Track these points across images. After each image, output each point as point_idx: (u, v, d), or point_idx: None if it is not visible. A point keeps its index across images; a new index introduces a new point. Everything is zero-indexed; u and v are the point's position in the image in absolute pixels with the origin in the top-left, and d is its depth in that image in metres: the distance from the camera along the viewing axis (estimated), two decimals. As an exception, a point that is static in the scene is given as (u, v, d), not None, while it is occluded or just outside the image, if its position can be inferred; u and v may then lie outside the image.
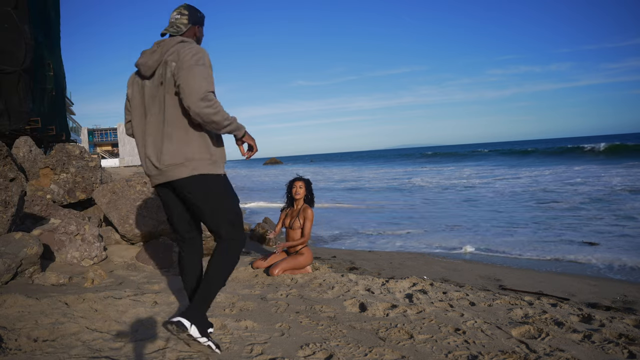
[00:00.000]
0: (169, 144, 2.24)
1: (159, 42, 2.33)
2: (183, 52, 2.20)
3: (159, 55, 2.27)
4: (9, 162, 3.87)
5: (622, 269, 5.23)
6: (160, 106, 2.27)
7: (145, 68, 2.30)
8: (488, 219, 9.27)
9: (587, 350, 2.43)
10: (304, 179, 4.55)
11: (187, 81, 2.13)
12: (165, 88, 2.24)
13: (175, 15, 2.40)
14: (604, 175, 19.14)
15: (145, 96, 2.33)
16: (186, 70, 2.15)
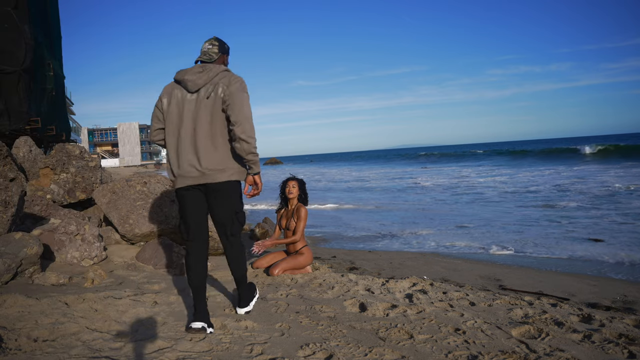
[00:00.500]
0: (215, 152, 2.69)
1: (202, 66, 2.78)
2: (233, 79, 2.72)
3: (207, 76, 2.72)
4: (9, 162, 3.87)
5: (625, 265, 5.24)
6: (207, 119, 2.68)
7: (193, 84, 2.72)
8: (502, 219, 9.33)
9: (587, 350, 2.43)
10: (297, 179, 4.55)
11: (239, 104, 2.66)
12: (215, 105, 2.68)
13: (208, 45, 2.87)
14: (603, 175, 19.17)
15: (186, 107, 2.73)
16: (238, 95, 2.67)
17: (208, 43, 2.88)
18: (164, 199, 4.86)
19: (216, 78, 2.73)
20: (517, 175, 22.32)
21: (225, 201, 2.76)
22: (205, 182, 2.70)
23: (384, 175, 29.31)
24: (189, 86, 2.73)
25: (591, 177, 18.30)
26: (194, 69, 2.76)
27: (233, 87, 2.69)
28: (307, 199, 4.57)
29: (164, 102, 2.80)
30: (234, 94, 2.67)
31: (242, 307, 3.05)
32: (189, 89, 2.73)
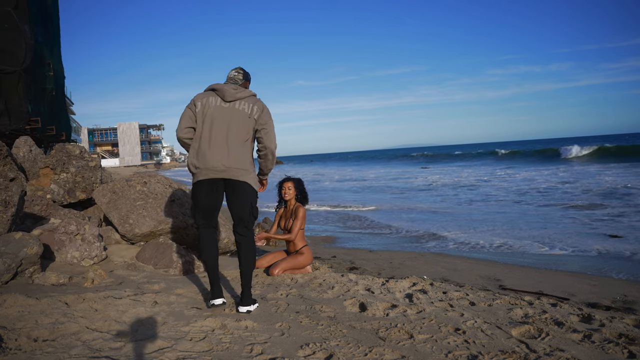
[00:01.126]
0: (240, 154, 3.12)
1: (234, 85, 3.23)
2: (264, 106, 3.22)
3: (242, 94, 3.18)
4: (9, 162, 3.87)
5: (624, 267, 5.24)
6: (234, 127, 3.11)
7: (230, 95, 3.15)
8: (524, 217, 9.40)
9: (587, 350, 2.43)
10: (293, 179, 4.55)
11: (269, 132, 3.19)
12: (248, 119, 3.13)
13: (234, 73, 3.34)
14: (602, 174, 19.20)
15: (220, 112, 3.13)
16: (270, 124, 3.20)
17: (235, 71, 3.35)
18: (164, 198, 4.86)
19: (249, 99, 3.20)
20: (517, 175, 22.35)
21: (243, 194, 3.15)
22: (228, 177, 3.10)
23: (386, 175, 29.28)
24: (227, 96, 3.15)
25: (589, 177, 18.32)
26: (230, 86, 3.22)
27: (266, 115, 3.19)
28: (307, 198, 4.56)
29: (197, 105, 3.17)
30: (268, 122, 3.19)
31: (244, 305, 3.15)
32: (225, 98, 3.15)
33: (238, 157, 3.10)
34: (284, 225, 4.50)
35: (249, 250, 3.20)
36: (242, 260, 3.19)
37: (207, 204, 3.18)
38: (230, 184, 3.13)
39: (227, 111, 3.13)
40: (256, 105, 3.16)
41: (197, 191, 3.19)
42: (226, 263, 4.68)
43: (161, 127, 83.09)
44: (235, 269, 4.41)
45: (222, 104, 3.15)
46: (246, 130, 3.14)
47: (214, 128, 3.11)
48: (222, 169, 3.08)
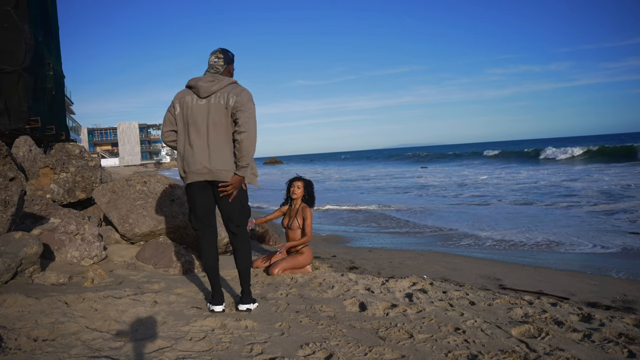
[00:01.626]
0: (224, 152, 2.98)
1: (212, 75, 3.04)
2: (242, 90, 3.00)
3: (218, 86, 2.99)
4: (8, 161, 3.86)
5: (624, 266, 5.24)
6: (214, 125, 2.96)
7: (204, 91, 2.99)
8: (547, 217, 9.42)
9: (587, 350, 2.43)
10: (303, 180, 4.55)
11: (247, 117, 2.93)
12: (224, 112, 2.96)
13: (214, 59, 3.12)
14: (598, 174, 19.25)
15: (196, 111, 3.00)
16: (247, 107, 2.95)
17: (214, 56, 3.13)
18: (164, 198, 4.86)
19: (226, 89, 3.01)
20: (517, 175, 22.35)
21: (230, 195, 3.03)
22: (212, 179, 2.99)
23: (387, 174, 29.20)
24: (201, 92, 2.99)
25: (588, 176, 18.33)
26: (206, 78, 3.03)
27: (243, 97, 2.97)
28: (314, 201, 4.57)
29: (176, 107, 3.08)
30: (245, 104, 2.96)
31: (244, 303, 3.15)
32: (200, 94, 3.00)
33: (221, 157, 2.97)
34: (287, 223, 4.50)
35: (243, 248, 3.16)
36: (238, 259, 3.16)
37: (200, 207, 3.11)
38: (216, 185, 3.03)
39: (204, 108, 2.99)
40: (232, 93, 2.97)
41: (188, 195, 3.13)
42: (226, 263, 4.67)
43: (161, 126, 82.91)
44: (235, 268, 4.40)
45: (199, 102, 3.02)
46: (226, 125, 2.98)
47: (194, 129, 3.00)
48: (205, 171, 2.99)
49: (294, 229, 4.44)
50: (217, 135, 2.97)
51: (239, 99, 2.96)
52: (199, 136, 2.99)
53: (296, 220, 4.43)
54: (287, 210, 4.60)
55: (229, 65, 3.16)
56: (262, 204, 13.46)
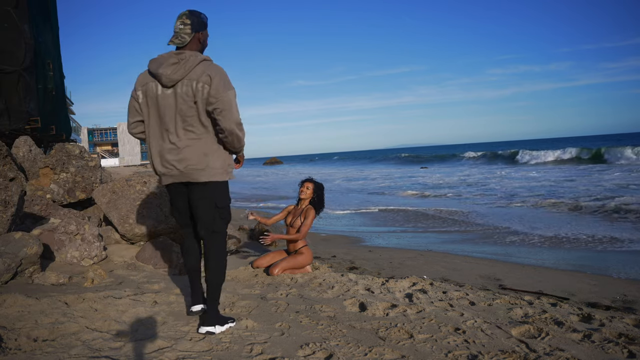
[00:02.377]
0: (195, 149, 2.57)
1: (177, 53, 2.54)
2: (215, 74, 2.50)
3: (183, 70, 2.51)
4: (8, 161, 3.86)
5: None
6: (183, 118, 2.54)
7: (168, 80, 2.52)
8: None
9: (587, 350, 2.43)
10: (315, 182, 4.55)
11: (226, 108, 2.50)
12: (195, 103, 2.52)
13: (179, 25, 2.58)
14: (591, 174, 19.28)
15: (162, 103, 2.56)
16: (225, 97, 2.50)
17: (180, 22, 2.58)
18: (164, 198, 4.86)
19: (194, 73, 2.51)
20: (519, 174, 22.37)
21: (205, 198, 2.66)
22: (185, 180, 2.63)
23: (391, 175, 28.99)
24: (163, 81, 2.53)
25: (585, 176, 18.35)
26: (169, 59, 2.52)
27: (217, 86, 2.49)
28: (322, 205, 4.55)
29: (139, 94, 2.63)
30: (221, 97, 2.49)
31: (205, 325, 2.69)
32: (163, 83, 2.54)
33: (192, 155, 2.56)
34: (291, 221, 4.51)
35: (215, 258, 2.74)
36: (207, 269, 2.75)
37: (182, 210, 2.80)
38: (188, 186, 2.68)
39: (170, 99, 2.54)
40: (201, 79, 2.49)
41: (169, 194, 2.85)
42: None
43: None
44: (235, 268, 4.41)
45: (165, 91, 2.55)
46: (196, 118, 2.55)
47: (161, 122, 2.58)
48: (175, 173, 2.62)
49: (296, 227, 4.44)
50: (188, 130, 2.56)
51: (213, 89, 2.49)
52: (168, 131, 2.57)
53: (299, 219, 4.44)
54: (292, 209, 4.62)
55: (198, 32, 2.61)
56: (270, 203, 13.46)
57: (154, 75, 2.55)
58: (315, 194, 4.50)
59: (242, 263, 4.66)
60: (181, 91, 2.51)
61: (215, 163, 2.62)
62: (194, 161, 2.57)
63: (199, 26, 2.60)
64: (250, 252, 5.61)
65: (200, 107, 2.52)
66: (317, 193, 4.51)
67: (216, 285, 2.75)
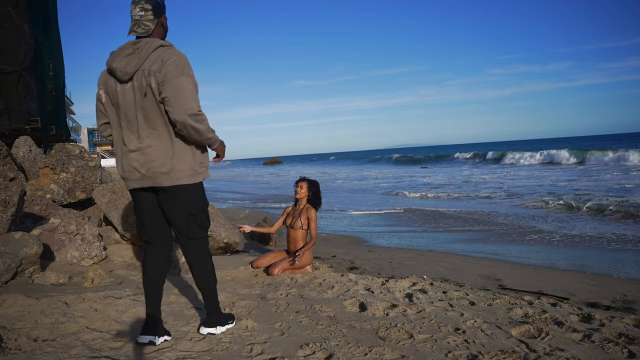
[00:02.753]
0: (158, 152, 2.31)
1: (134, 42, 2.30)
2: (168, 62, 2.22)
3: (137, 60, 2.25)
4: (8, 161, 3.86)
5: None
6: (145, 115, 2.29)
7: (122, 73, 2.27)
8: None
9: (587, 350, 2.43)
10: (308, 180, 4.58)
11: (176, 95, 2.20)
12: (151, 99, 2.25)
13: (139, 12, 2.31)
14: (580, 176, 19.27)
15: (121, 101, 2.32)
16: (174, 83, 2.20)
17: (138, 8, 2.30)
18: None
19: (148, 62, 2.25)
20: (520, 173, 22.38)
21: (176, 204, 2.41)
22: (148, 185, 2.36)
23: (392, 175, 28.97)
24: (119, 75, 2.28)
25: (581, 176, 18.36)
26: (124, 50, 2.28)
27: (167, 70, 2.21)
28: (320, 202, 4.60)
29: (102, 94, 2.40)
30: (170, 82, 2.20)
31: (206, 325, 2.64)
32: (119, 78, 2.29)
33: (155, 156, 2.31)
34: (291, 223, 4.52)
35: (200, 264, 2.56)
36: (195, 277, 2.58)
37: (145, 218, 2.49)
38: (157, 191, 2.41)
39: (129, 95, 2.29)
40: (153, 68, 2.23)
41: (133, 202, 2.54)
42: (225, 263, 4.68)
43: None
44: (235, 268, 4.41)
45: (124, 87, 2.30)
46: (157, 113, 2.28)
47: (124, 122, 2.35)
48: (137, 177, 2.36)
49: (296, 228, 4.46)
50: (152, 129, 2.30)
51: (163, 75, 2.21)
52: (131, 131, 2.34)
53: (299, 220, 4.45)
54: (290, 210, 4.64)
55: (160, 18, 2.36)
56: (262, 202, 13.46)
57: (110, 71, 2.33)
58: (311, 191, 4.53)
59: (242, 263, 4.65)
60: (138, 85, 2.26)
61: (182, 164, 2.35)
62: (157, 163, 2.31)
63: (161, 10, 2.37)
64: (250, 252, 5.61)
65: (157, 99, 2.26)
66: (312, 190, 4.53)
67: (210, 291, 2.61)
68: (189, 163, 2.38)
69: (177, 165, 2.34)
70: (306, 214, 4.45)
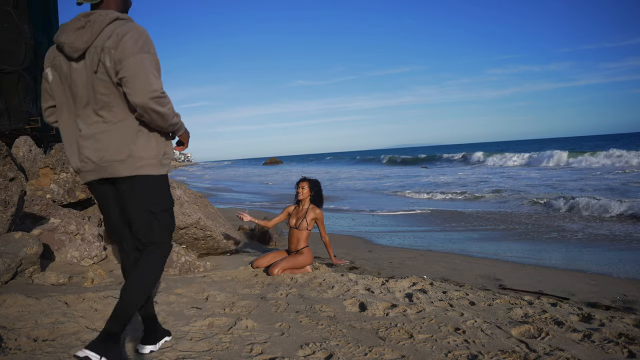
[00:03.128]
0: (113, 137, 2.01)
1: (86, 15, 2.00)
2: (125, 38, 1.93)
3: (89, 35, 1.96)
4: (8, 161, 3.86)
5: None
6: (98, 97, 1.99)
7: (71, 49, 1.98)
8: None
9: (587, 350, 2.43)
10: (308, 180, 4.62)
11: (134, 75, 1.91)
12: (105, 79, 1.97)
13: None
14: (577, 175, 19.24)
15: (72, 81, 2.03)
16: (132, 61, 1.92)
17: None
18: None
19: (102, 36, 1.96)
20: (521, 173, 22.38)
21: (134, 198, 2.08)
22: (103, 176, 2.06)
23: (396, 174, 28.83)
24: (67, 51, 2.00)
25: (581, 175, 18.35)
26: (75, 23, 2.00)
27: (124, 47, 1.93)
28: (322, 201, 4.66)
29: (48, 73, 2.11)
30: (127, 61, 1.92)
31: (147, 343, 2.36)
32: (68, 55, 2.01)
33: (109, 143, 2.01)
34: (296, 223, 4.54)
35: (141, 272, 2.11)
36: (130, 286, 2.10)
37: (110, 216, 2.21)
38: (115, 183, 2.10)
39: (81, 74, 2.01)
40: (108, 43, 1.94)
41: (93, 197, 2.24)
42: (225, 262, 4.68)
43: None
44: (235, 268, 4.41)
45: (74, 65, 2.01)
46: (113, 95, 1.99)
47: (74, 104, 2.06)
48: (91, 167, 2.06)
49: (302, 229, 4.49)
50: (106, 112, 2.01)
51: (118, 52, 1.93)
52: (82, 115, 2.04)
53: (305, 221, 4.49)
54: (293, 210, 4.65)
55: None
56: (261, 203, 13.45)
57: (58, 46, 2.04)
58: (313, 191, 4.56)
59: (242, 263, 4.66)
60: (90, 63, 1.97)
61: (141, 151, 2.04)
62: (112, 150, 2.01)
63: None
64: (250, 252, 5.62)
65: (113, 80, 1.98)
66: (314, 190, 4.57)
67: (129, 305, 2.09)
68: (152, 151, 2.07)
69: (136, 152, 2.03)
70: (313, 215, 4.49)
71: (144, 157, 2.05)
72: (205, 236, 4.82)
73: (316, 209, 4.53)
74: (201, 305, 3.21)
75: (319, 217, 4.52)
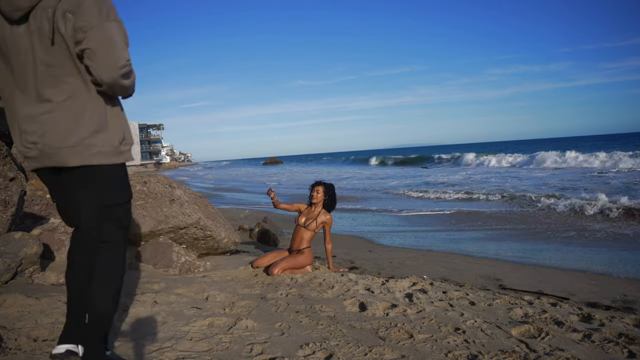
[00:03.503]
0: (61, 119, 1.73)
1: None
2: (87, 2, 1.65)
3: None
4: (8, 161, 3.86)
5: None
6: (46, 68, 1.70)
7: (11, 9, 1.65)
8: None
9: (587, 350, 2.43)
10: (324, 184, 4.68)
11: (104, 48, 1.66)
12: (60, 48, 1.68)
13: None
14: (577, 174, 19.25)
15: (11, 48, 1.71)
16: (98, 31, 1.65)
17: None
18: (164, 198, 4.86)
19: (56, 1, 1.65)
20: (522, 172, 22.36)
21: (84, 190, 1.82)
22: (49, 164, 1.79)
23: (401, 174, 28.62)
24: (7, 12, 1.67)
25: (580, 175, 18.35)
26: None
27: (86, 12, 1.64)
28: (335, 204, 4.71)
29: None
30: (93, 31, 1.65)
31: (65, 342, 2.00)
32: (7, 16, 1.68)
33: (56, 126, 1.72)
34: (305, 223, 4.58)
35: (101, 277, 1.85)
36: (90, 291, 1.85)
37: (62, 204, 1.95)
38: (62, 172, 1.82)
39: (24, 40, 1.69)
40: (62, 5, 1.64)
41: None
42: (226, 262, 4.68)
43: (161, 126, 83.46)
44: (235, 268, 4.41)
45: (14, 29, 1.69)
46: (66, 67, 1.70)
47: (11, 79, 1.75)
48: (34, 153, 1.77)
49: (310, 229, 4.57)
50: (54, 88, 1.72)
51: (79, 18, 1.64)
52: (25, 91, 1.74)
53: (315, 222, 4.53)
54: (305, 209, 4.68)
55: None
56: (261, 203, 13.44)
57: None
58: (327, 195, 4.62)
59: (242, 263, 4.66)
60: (37, 27, 1.66)
61: (96, 137, 1.77)
62: (59, 134, 1.72)
63: None
64: (250, 252, 5.62)
65: (71, 49, 1.69)
66: (328, 194, 4.65)
67: (101, 315, 1.83)
68: (107, 136, 1.79)
69: (90, 138, 1.75)
70: (323, 219, 4.56)
71: (98, 143, 1.77)
72: (205, 236, 4.82)
73: (327, 213, 4.61)
74: (201, 305, 3.21)
75: (328, 223, 4.59)
